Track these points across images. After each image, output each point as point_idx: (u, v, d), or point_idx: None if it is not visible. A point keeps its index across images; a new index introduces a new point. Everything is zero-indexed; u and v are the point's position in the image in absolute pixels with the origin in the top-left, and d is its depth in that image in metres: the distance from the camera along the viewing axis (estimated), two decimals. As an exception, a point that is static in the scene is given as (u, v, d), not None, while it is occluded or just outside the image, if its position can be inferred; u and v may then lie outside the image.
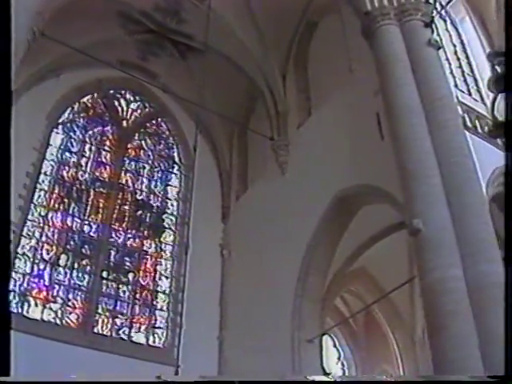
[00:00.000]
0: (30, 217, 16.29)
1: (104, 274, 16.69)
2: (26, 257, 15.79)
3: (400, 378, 15.19)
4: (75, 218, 17.19)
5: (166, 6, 17.92)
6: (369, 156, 12.78)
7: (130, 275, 17.16)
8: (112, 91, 20.18)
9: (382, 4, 12.73)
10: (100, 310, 16.12)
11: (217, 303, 17.19)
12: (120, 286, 16.82)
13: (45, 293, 15.63)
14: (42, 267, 15.89)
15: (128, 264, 17.33)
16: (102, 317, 16.07)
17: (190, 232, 17.57)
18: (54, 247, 16.38)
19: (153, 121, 20.62)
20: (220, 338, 16.60)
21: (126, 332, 16.19)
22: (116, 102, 20.18)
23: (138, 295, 17.01)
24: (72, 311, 15.76)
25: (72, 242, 16.75)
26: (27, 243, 15.99)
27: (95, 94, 19.73)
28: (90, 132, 19.06)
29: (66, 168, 17.85)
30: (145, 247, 17.94)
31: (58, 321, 15.43)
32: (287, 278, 14.49)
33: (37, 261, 15.88)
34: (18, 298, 15.08)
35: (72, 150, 18.34)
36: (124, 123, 19.96)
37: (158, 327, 16.74)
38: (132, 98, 20.53)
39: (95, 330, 15.79)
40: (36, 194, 16.78)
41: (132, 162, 19.30)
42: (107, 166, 18.69)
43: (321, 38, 17.17)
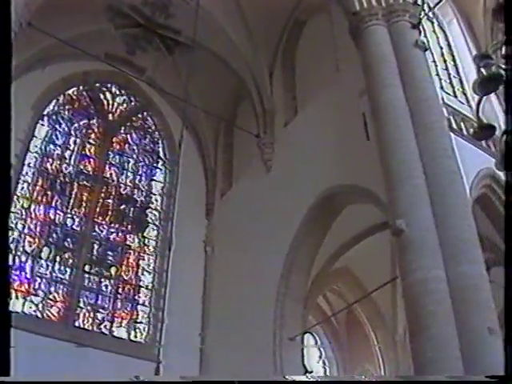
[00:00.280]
0: (12, 209, 16.16)
1: (86, 267, 16.59)
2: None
3: (382, 378, 15.24)
4: (58, 211, 17.07)
5: (154, 0, 17.85)
6: (354, 156, 12.81)
7: (112, 269, 17.08)
8: (98, 84, 20.05)
9: (370, 4, 12.76)
10: (81, 304, 16.03)
11: (199, 300, 17.15)
12: (102, 280, 16.74)
13: (26, 285, 15.53)
14: (23, 260, 15.78)
15: (111, 258, 17.25)
16: (84, 311, 15.99)
17: (173, 227, 17.60)
18: (37, 240, 16.26)
19: (139, 115, 20.51)
20: (202, 334, 16.57)
21: (108, 326, 16.12)
22: (102, 96, 20.05)
23: (120, 290, 16.93)
24: (53, 304, 15.66)
25: (54, 235, 16.64)
26: (9, 235, 15.84)
27: (81, 87, 19.59)
28: (76, 125, 18.93)
29: (50, 160, 17.71)
30: (128, 242, 17.86)
31: (39, 314, 15.34)
32: (270, 276, 14.49)
33: (19, 253, 15.75)
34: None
35: (56, 142, 18.20)
36: (110, 116, 19.84)
37: (140, 322, 16.68)
38: (118, 92, 20.41)
39: (76, 324, 15.71)
40: (19, 185, 16.65)
41: (117, 156, 19.19)
42: (91, 160, 18.58)
43: (309, 37, 17.19)
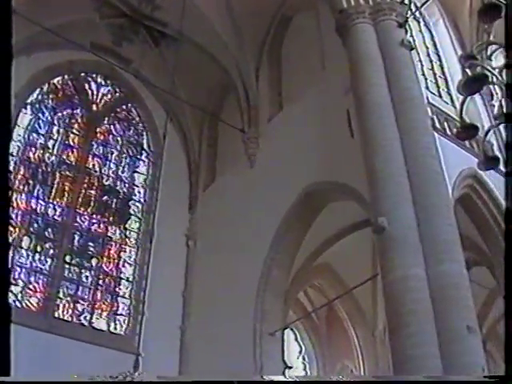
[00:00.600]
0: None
1: (67, 258, 16.47)
2: (-12, 238, 15.49)
3: (360, 378, 15.31)
4: (40, 201, 16.92)
5: (141, -9, 17.77)
6: (338, 153, 12.84)
7: (93, 261, 16.98)
8: (83, 74, 19.87)
9: (357, 2, 12.81)
10: (61, 295, 15.93)
11: (180, 293, 17.11)
12: (83, 271, 16.63)
13: (6, 275, 15.38)
14: (3, 249, 15.61)
15: (92, 249, 17.14)
16: (63, 301, 15.88)
17: (155, 220, 17.53)
18: (17, 229, 16.12)
19: (123, 106, 20.36)
20: (182, 328, 16.54)
21: (87, 318, 16.04)
22: (86, 85, 19.87)
23: (100, 281, 16.83)
24: (33, 295, 15.55)
25: (35, 225, 16.50)
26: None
27: (66, 76, 19.40)
28: (59, 114, 18.75)
29: (33, 149, 17.53)
30: (109, 233, 17.76)
31: (18, 304, 15.23)
32: (251, 270, 14.50)
33: (-2, 242, 15.58)
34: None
35: (40, 131, 18.02)
36: (94, 107, 19.68)
37: (120, 314, 16.61)
38: (103, 82, 20.25)
39: (56, 315, 15.60)
40: (0, 174, 16.45)
41: (100, 147, 19.04)
42: (75, 150, 18.41)
43: (295, 34, 17.18)
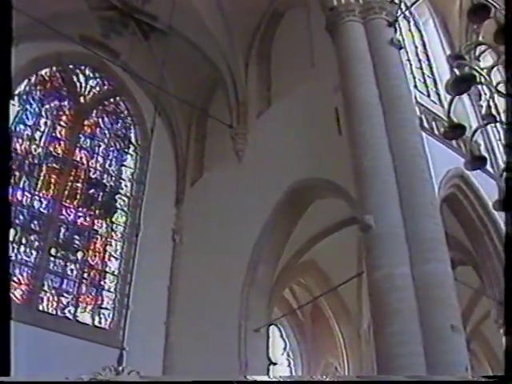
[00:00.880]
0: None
1: (52, 251, 16.38)
2: (-28, 230, 15.37)
3: (344, 378, 15.37)
4: (26, 193, 16.81)
5: (131, -16, 17.69)
6: (325, 150, 12.84)
7: (78, 254, 16.89)
8: (71, 66, 19.75)
9: (347, 1, 12.84)
10: (46, 288, 15.84)
11: (165, 288, 17.07)
12: (68, 264, 16.55)
13: (-11, 267, 15.28)
14: (-12, 241, 15.50)
15: (77, 242, 17.05)
16: (48, 294, 15.81)
17: (142, 214, 17.47)
18: (2, 221, 15.98)
19: (111, 99, 20.28)
20: (167, 323, 16.51)
21: (72, 311, 15.97)
22: (75, 78, 19.77)
23: (85, 275, 16.76)
24: (17, 287, 15.45)
25: (21, 217, 16.39)
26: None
27: (54, 68, 19.28)
28: (47, 106, 18.63)
29: (20, 141, 17.40)
30: (95, 226, 17.68)
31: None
32: (237, 266, 14.49)
33: (-17, 234, 15.46)
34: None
35: (27, 122, 17.89)
36: (82, 99, 19.57)
37: (105, 308, 16.56)
38: (91, 75, 20.15)
39: (40, 308, 15.52)
40: (-14, 165, 16.32)
41: (87, 140, 18.94)
42: (62, 142, 18.30)
43: (286, 30, 17.18)
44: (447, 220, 11.21)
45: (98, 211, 17.96)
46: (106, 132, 19.54)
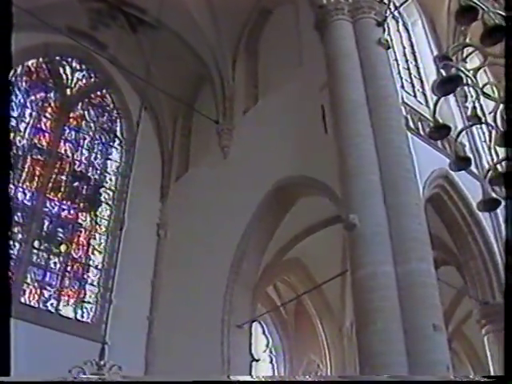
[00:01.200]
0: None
1: (35, 243, 16.28)
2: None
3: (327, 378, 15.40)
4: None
5: (120, -24, 17.60)
6: (311, 148, 12.86)
7: (62, 247, 16.81)
8: (58, 57, 19.60)
9: (337, -1, 12.83)
10: (28, 280, 15.74)
11: (149, 282, 17.04)
12: (51, 257, 16.46)
13: (-29, 259, 15.15)
14: (-31, 232, 15.36)
15: (61, 235, 16.96)
16: (30, 287, 15.71)
17: (126, 208, 17.39)
18: (-15, 213, 15.86)
19: (98, 92, 20.16)
20: (150, 317, 16.47)
21: (54, 304, 15.88)
22: (61, 69, 19.62)
23: (68, 268, 16.68)
24: (-1, 279, 15.33)
25: (4, 209, 16.25)
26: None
27: (40, 59, 19.13)
28: (32, 97, 18.49)
29: (4, 132, 17.24)
30: (79, 220, 17.60)
31: (-18, 288, 15.00)
32: (221, 262, 14.48)
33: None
34: None
35: (11, 113, 17.75)
36: (68, 91, 19.43)
37: (88, 302, 16.48)
38: (78, 67, 20.01)
39: (22, 300, 15.42)
40: (-31, 156, 16.17)
41: (72, 132, 18.82)
42: (46, 134, 18.18)
43: (274, 27, 17.16)
44: (431, 220, 11.26)
45: (82, 204, 17.87)
46: (92, 125, 19.42)
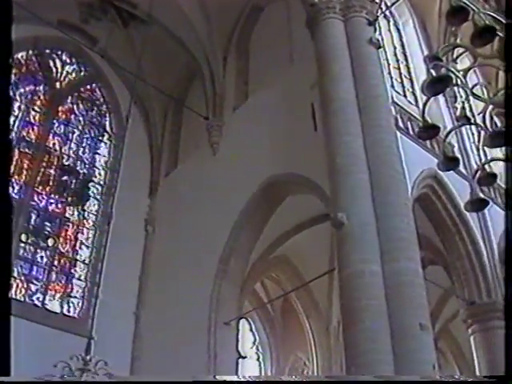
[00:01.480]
0: None
1: (23, 237, 16.19)
2: None
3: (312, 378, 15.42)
4: (-3, 178, 16.55)
5: (112, -30, 17.52)
6: (300, 146, 12.86)
7: (49, 241, 16.73)
8: (48, 50, 19.48)
9: (329, -3, 12.81)
10: (15, 274, 15.65)
11: (136, 278, 17.00)
12: (38, 251, 16.38)
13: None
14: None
15: (48, 229, 16.88)
16: (17, 281, 15.62)
17: (114, 203, 17.33)
18: (-28, 206, 15.74)
19: (87, 86, 20.05)
20: (136, 313, 16.44)
21: (41, 299, 15.81)
22: (51, 62, 19.49)
23: (55, 262, 16.61)
24: (-16, 273, 15.24)
25: (-9, 202, 16.15)
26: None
27: (30, 51, 19.00)
28: (21, 90, 18.36)
29: (-8, 125, 17.12)
30: (67, 214, 17.51)
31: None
32: (209, 259, 14.47)
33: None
34: None
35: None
36: (57, 85, 19.31)
37: (74, 297, 16.42)
38: (68, 60, 19.90)
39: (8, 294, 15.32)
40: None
41: (61, 126, 18.71)
42: (35, 127, 18.07)
43: (265, 24, 17.14)
44: (419, 220, 11.30)
45: (70, 198, 17.79)
46: (81, 119, 19.32)
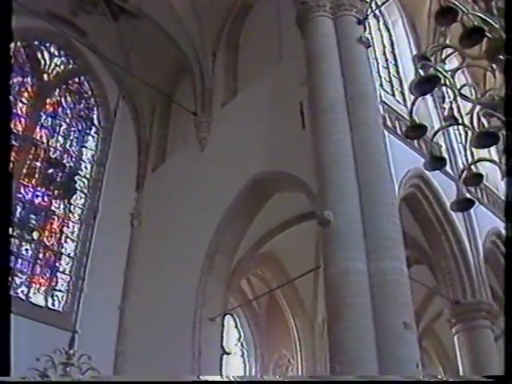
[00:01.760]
0: None
1: (8, 229, 16.05)
2: None
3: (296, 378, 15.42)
4: (-18, 169, 16.42)
5: (102, -37, 17.43)
6: (289, 143, 12.86)
7: (34, 234, 16.64)
8: (37, 42, 19.34)
9: (319, -5, 12.81)
10: (-1, 267, 15.53)
11: (121, 272, 16.95)
12: (23, 243, 16.29)
13: None
14: None
15: (34, 222, 16.79)
16: (1, 274, 15.51)
17: (101, 197, 17.27)
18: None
19: (75, 78, 19.92)
20: (121, 307, 16.40)
21: (25, 292, 15.72)
22: (39, 54, 19.35)
23: (40, 255, 16.53)
24: (-32, 265, 15.13)
25: (-24, 194, 16.02)
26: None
27: (19, 43, 18.84)
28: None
29: (-22, 117, 16.97)
30: (53, 207, 17.43)
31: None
32: (195, 255, 14.45)
33: None
34: None
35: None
36: (45, 77, 19.18)
37: (59, 290, 16.36)
38: (57, 52, 19.75)
39: (-9, 287, 15.23)
40: None
41: (49, 118, 18.59)
42: (22, 119, 17.94)
43: (255, 21, 17.12)
44: (405, 219, 11.35)
45: (56, 191, 17.69)
46: (68, 112, 19.20)
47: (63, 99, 19.29)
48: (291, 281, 17.18)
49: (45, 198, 17.37)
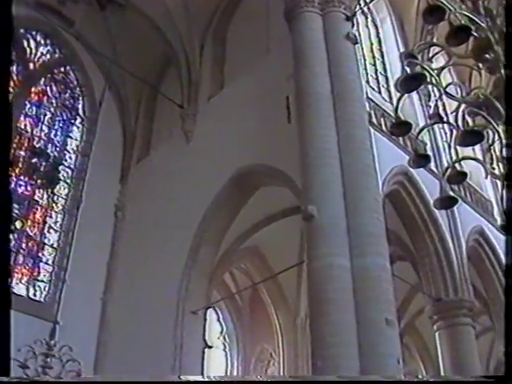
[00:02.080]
0: None
1: (-11, 219, 15.93)
2: None
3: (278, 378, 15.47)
4: (-35, 158, 16.26)
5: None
6: (274, 137, 12.85)
7: (17, 223, 16.49)
8: (23, 30, 19.11)
9: (308, -10, 12.79)
10: (-21, 256, 15.42)
11: (105, 263, 16.89)
12: (5, 233, 16.14)
13: None
14: None
15: (16, 211, 16.64)
16: (-18, 263, 15.40)
17: (85, 187, 17.17)
18: None
19: (61, 68, 19.73)
20: (103, 298, 16.35)
21: (6, 282, 15.60)
22: (25, 43, 19.15)
23: (23, 245, 16.41)
24: (-51, 254, 14.99)
25: (-42, 183, 15.87)
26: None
27: (4, 31, 18.64)
28: (-7, 69, 18.03)
29: (-39, 104, 16.79)
30: (36, 197, 17.29)
31: None
32: (179, 247, 14.44)
33: None
34: None
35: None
36: (31, 65, 19.00)
37: (41, 280, 16.26)
38: (43, 41, 19.56)
39: (-28, 276, 15.11)
40: None
41: (33, 107, 18.42)
42: (7, 108, 17.77)
43: (243, 15, 17.08)
44: (388, 215, 11.40)
45: (39, 181, 17.55)
46: (54, 101, 19.04)
47: (48, 88, 19.11)
48: (274, 275, 17.22)
49: (28, 188, 17.23)
